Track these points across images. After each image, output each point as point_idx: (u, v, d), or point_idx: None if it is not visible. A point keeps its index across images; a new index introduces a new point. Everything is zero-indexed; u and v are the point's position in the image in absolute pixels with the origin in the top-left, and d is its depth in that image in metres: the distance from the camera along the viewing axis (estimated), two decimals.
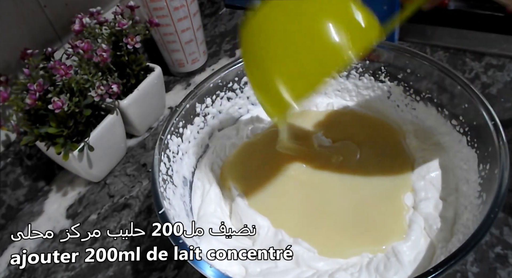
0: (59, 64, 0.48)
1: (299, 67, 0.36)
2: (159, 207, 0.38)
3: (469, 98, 0.41)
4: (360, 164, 0.47)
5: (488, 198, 0.35)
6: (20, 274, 0.50)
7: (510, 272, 0.41)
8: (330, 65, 0.35)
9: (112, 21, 0.56)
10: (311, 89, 0.36)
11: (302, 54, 0.36)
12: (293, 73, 0.36)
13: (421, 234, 0.40)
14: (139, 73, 0.58)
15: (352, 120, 0.52)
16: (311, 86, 0.36)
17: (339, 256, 0.40)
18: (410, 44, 0.65)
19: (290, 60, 0.36)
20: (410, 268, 0.37)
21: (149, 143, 0.62)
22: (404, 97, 0.50)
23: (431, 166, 0.44)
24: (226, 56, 0.73)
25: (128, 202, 0.55)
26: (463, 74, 0.60)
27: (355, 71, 0.52)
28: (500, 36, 0.62)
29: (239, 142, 0.52)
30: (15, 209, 0.56)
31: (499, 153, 0.36)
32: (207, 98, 0.50)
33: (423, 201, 0.42)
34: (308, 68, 0.36)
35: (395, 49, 0.48)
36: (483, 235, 0.32)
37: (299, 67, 0.36)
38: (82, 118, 0.51)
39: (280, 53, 0.37)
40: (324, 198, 0.45)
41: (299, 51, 0.36)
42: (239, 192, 0.46)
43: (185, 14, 0.63)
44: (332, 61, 0.35)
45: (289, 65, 0.36)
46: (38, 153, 0.57)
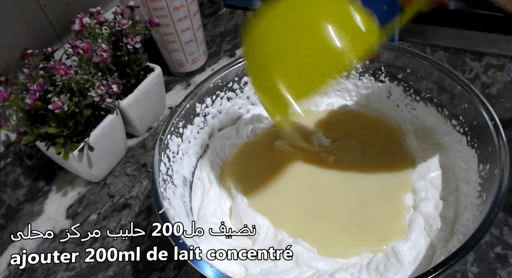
0: (59, 64, 0.48)
1: (300, 70, 0.37)
2: (159, 207, 0.38)
3: (469, 98, 0.41)
4: (360, 164, 0.47)
5: (488, 198, 0.35)
6: (20, 274, 0.50)
7: (510, 272, 0.41)
8: (331, 68, 0.36)
9: (112, 21, 0.56)
10: (313, 91, 0.36)
11: (304, 57, 0.36)
12: (295, 75, 0.37)
13: (421, 234, 0.40)
14: (139, 73, 0.58)
15: (352, 120, 0.52)
16: (313, 87, 0.36)
17: (339, 256, 0.40)
18: (410, 44, 0.65)
19: (292, 63, 0.37)
20: (410, 268, 0.37)
21: (149, 143, 0.62)
22: (404, 97, 0.50)
23: (431, 165, 0.44)
24: (226, 56, 0.73)
25: (128, 202, 0.55)
26: (463, 74, 0.60)
27: (355, 71, 0.52)
28: (500, 36, 0.62)
29: (239, 142, 0.52)
30: (15, 209, 0.56)
31: (499, 153, 0.36)
32: (207, 98, 0.50)
33: (423, 201, 0.42)
34: (309, 71, 0.36)
35: (395, 49, 0.48)
36: (483, 235, 0.32)
37: (301, 69, 0.37)
38: (82, 118, 0.51)
39: (282, 56, 0.37)
40: (324, 198, 0.45)
41: (301, 54, 0.36)
42: (239, 192, 0.46)
43: (185, 14, 0.63)
44: (333, 65, 0.35)
45: (290, 67, 0.37)
46: (38, 153, 0.57)
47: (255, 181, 0.47)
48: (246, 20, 0.38)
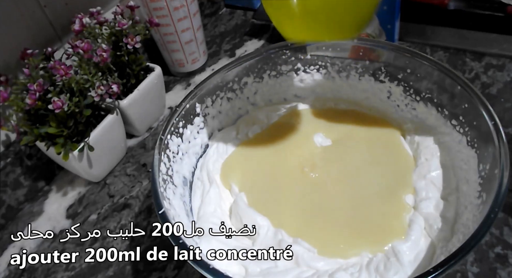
0: (59, 64, 0.48)
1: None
2: (159, 207, 0.38)
3: (469, 98, 0.41)
4: (360, 163, 0.47)
5: (488, 198, 0.35)
6: (20, 274, 0.50)
7: (510, 272, 0.41)
8: None
9: (112, 21, 0.56)
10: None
11: None
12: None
13: (421, 234, 0.40)
14: (139, 73, 0.58)
15: (352, 119, 0.52)
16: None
17: (339, 256, 0.40)
18: (410, 44, 0.65)
19: None
20: (410, 268, 0.37)
21: (149, 143, 0.62)
22: (404, 97, 0.50)
23: (431, 165, 0.44)
24: (226, 56, 0.73)
25: (128, 202, 0.55)
26: (463, 74, 0.60)
27: (355, 71, 0.52)
28: (500, 36, 0.62)
29: (239, 142, 0.52)
30: (15, 209, 0.56)
31: (499, 153, 0.36)
32: (207, 98, 0.50)
33: (424, 200, 0.42)
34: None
35: (395, 49, 0.48)
36: (483, 235, 0.32)
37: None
38: (82, 118, 0.51)
39: None
40: (324, 198, 0.45)
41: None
42: (239, 192, 0.46)
43: (185, 14, 0.63)
44: None
45: None
46: (38, 153, 0.57)
47: (255, 181, 0.47)
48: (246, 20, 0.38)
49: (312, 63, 0.53)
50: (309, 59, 0.53)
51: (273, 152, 0.49)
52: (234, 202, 0.46)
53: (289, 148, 0.49)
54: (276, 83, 0.54)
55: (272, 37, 0.73)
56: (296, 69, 0.53)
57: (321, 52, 0.52)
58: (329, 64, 0.52)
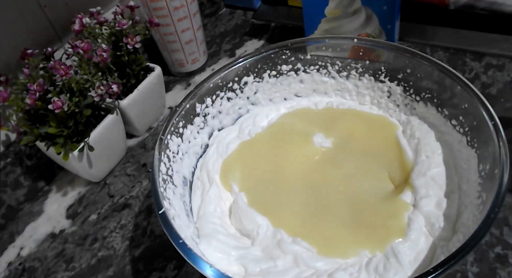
0: (59, 64, 0.48)
1: None
2: (159, 207, 0.38)
3: (469, 98, 0.41)
4: (360, 163, 0.47)
5: (488, 198, 0.35)
6: (20, 274, 0.50)
7: (510, 272, 0.41)
8: None
9: (112, 21, 0.56)
10: None
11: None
12: None
13: (421, 233, 0.40)
14: (139, 73, 0.58)
15: (352, 119, 0.52)
16: None
17: (338, 255, 0.40)
18: (410, 44, 0.65)
19: None
20: (410, 268, 0.37)
21: (149, 143, 0.62)
22: (404, 97, 0.50)
23: (432, 162, 0.44)
24: (226, 56, 0.73)
25: (128, 202, 0.55)
26: (463, 74, 0.60)
27: (355, 71, 0.52)
28: (500, 36, 0.62)
29: (239, 142, 0.52)
30: (15, 209, 0.56)
31: (499, 153, 0.36)
32: (207, 98, 0.50)
33: (424, 198, 0.42)
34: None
35: (395, 49, 0.48)
36: (483, 235, 0.32)
37: None
38: (82, 118, 0.51)
39: None
40: (323, 197, 0.45)
41: None
42: (239, 191, 0.46)
43: (185, 14, 0.63)
44: None
45: None
46: (38, 153, 0.57)
47: (255, 181, 0.47)
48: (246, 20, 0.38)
49: (312, 63, 0.53)
50: (309, 59, 0.53)
51: (273, 152, 0.49)
52: (234, 202, 0.46)
53: (289, 148, 0.49)
54: (276, 82, 0.54)
55: (272, 37, 0.73)
56: (296, 69, 0.53)
57: (321, 52, 0.52)
58: (329, 64, 0.53)
